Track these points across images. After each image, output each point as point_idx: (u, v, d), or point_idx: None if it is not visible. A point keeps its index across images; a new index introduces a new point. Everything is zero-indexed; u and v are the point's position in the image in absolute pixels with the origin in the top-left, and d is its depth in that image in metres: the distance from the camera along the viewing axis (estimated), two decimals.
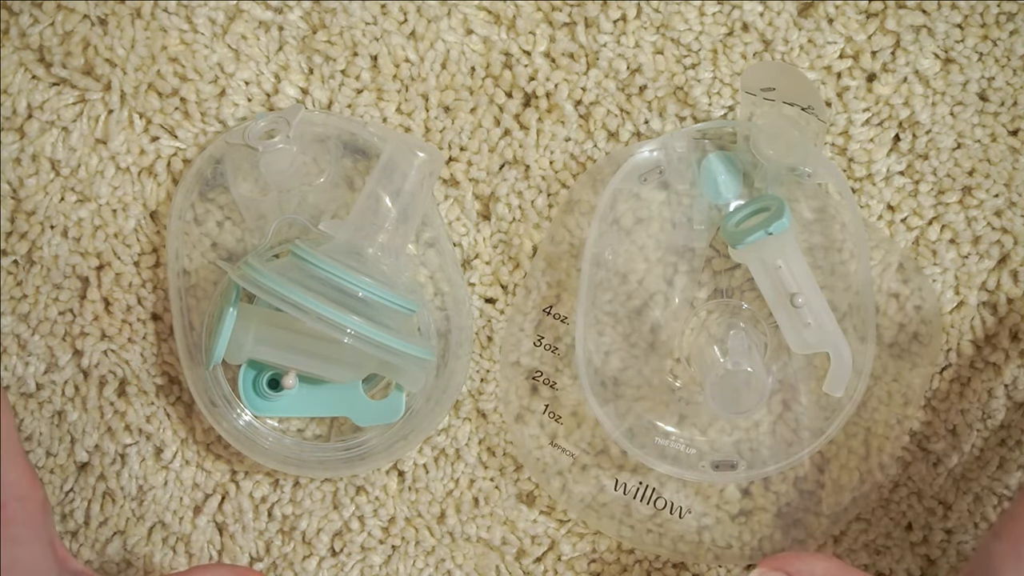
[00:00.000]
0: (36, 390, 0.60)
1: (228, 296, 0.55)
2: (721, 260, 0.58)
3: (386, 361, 0.54)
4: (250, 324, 0.55)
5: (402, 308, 0.54)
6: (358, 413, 0.58)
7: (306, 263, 0.53)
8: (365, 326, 0.52)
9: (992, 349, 0.60)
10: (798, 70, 0.58)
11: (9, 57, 0.58)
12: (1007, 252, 0.60)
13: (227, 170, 0.57)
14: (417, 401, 0.59)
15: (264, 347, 0.55)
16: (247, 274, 0.52)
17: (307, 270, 0.53)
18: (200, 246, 0.58)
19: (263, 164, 0.55)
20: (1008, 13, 0.58)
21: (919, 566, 0.62)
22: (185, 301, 0.58)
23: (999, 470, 0.61)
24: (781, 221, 0.53)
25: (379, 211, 0.54)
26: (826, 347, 0.54)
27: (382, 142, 0.57)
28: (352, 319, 0.52)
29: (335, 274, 0.53)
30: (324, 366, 0.56)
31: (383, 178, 0.55)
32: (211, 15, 0.58)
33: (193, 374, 0.57)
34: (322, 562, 0.62)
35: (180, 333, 0.58)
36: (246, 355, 0.55)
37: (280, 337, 0.55)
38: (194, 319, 0.58)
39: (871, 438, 0.59)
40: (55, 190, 0.59)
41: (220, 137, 0.58)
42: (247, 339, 0.55)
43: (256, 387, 0.58)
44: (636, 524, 0.60)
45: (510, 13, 0.59)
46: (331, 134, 0.58)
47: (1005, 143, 0.59)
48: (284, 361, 0.56)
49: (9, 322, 0.59)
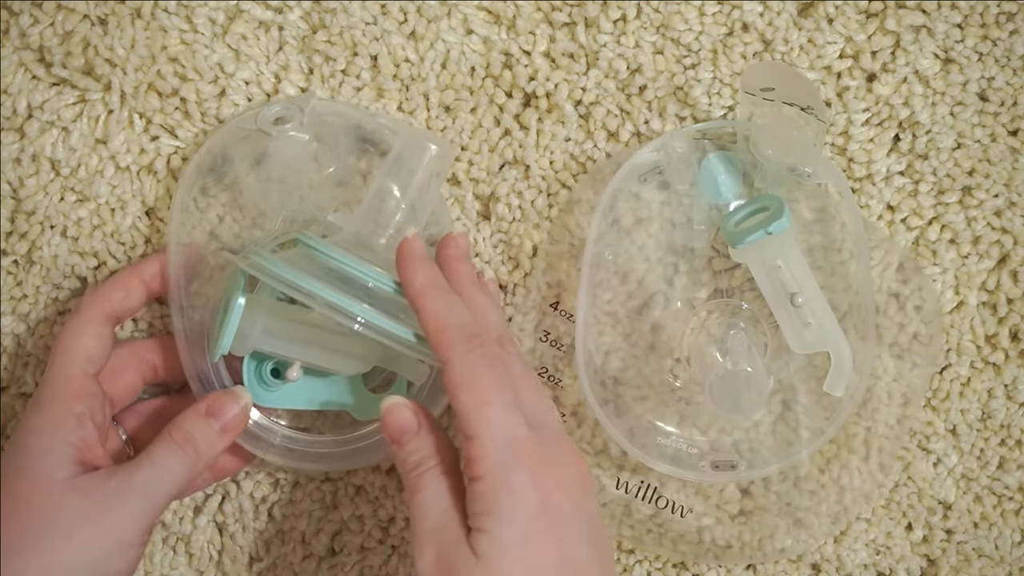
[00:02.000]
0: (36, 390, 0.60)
1: (234, 287, 0.55)
2: (721, 260, 0.58)
3: (391, 353, 0.54)
4: (257, 316, 0.54)
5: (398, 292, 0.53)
6: (359, 406, 0.58)
7: (315, 252, 0.53)
8: (375, 315, 0.52)
9: (992, 349, 0.60)
10: (797, 70, 0.58)
11: (9, 57, 0.58)
12: (1007, 252, 0.60)
13: (235, 157, 0.57)
14: (418, 396, 0.58)
15: (271, 338, 0.54)
16: (256, 262, 0.52)
17: (315, 259, 0.52)
18: (200, 228, 0.58)
19: (273, 151, 0.55)
20: (1008, 13, 0.58)
21: (920, 566, 0.62)
22: (184, 291, 0.56)
23: (999, 470, 0.61)
24: (780, 221, 0.53)
25: (388, 203, 0.54)
26: (826, 346, 0.54)
27: (393, 134, 0.56)
28: (362, 307, 0.51)
29: (344, 263, 0.52)
30: (330, 358, 0.55)
31: (393, 170, 0.54)
32: (211, 15, 0.58)
33: (193, 365, 0.56)
34: (321, 562, 0.62)
35: (179, 324, 0.56)
36: (252, 347, 0.54)
37: (287, 329, 0.55)
38: (194, 310, 0.57)
39: (871, 438, 0.59)
40: (55, 190, 0.59)
41: (230, 122, 0.58)
42: (254, 331, 0.54)
43: (259, 376, 0.57)
44: (636, 524, 0.60)
45: (510, 13, 0.59)
46: (342, 124, 0.57)
47: (1005, 143, 0.59)
48: (290, 352, 0.55)
49: (9, 322, 0.59)
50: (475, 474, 0.46)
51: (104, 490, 0.50)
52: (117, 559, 0.50)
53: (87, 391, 0.53)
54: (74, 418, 0.52)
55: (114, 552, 0.49)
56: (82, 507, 0.49)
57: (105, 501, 0.50)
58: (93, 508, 0.49)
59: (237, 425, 0.54)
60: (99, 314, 0.54)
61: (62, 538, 0.48)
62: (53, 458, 0.50)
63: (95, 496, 0.50)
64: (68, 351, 0.53)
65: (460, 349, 0.48)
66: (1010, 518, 0.61)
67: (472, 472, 0.46)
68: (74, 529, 0.49)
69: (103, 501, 0.50)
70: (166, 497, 0.51)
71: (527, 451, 0.46)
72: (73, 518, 0.49)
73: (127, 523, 0.50)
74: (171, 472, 0.51)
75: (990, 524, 0.61)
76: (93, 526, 0.49)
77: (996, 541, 0.61)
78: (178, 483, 0.52)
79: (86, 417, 0.52)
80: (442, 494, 0.48)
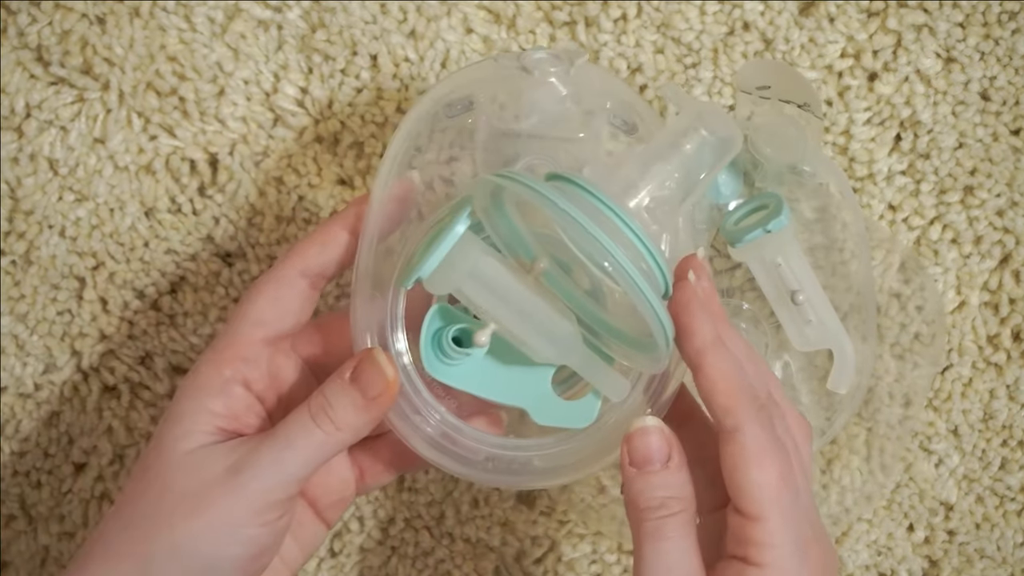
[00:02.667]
0: (34, 390, 0.60)
1: (456, 214, 0.46)
2: (722, 260, 0.58)
3: (591, 361, 0.47)
4: (471, 251, 0.45)
5: (661, 275, 0.44)
6: (541, 409, 0.48)
7: (575, 186, 0.43)
8: (627, 263, 0.41)
9: (994, 349, 0.60)
10: (791, 67, 0.58)
11: (7, 56, 0.58)
12: (1009, 252, 0.59)
13: (479, 98, 0.48)
14: (612, 415, 0.48)
15: (476, 283, 0.45)
16: (513, 177, 0.43)
17: (577, 198, 0.43)
18: (421, 167, 0.49)
19: (529, 97, 0.47)
20: (1010, 12, 0.58)
21: (921, 567, 0.62)
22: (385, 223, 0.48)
23: (1001, 470, 0.61)
24: (779, 219, 0.53)
25: (654, 170, 0.45)
26: (829, 343, 0.54)
27: (676, 106, 0.47)
28: (615, 248, 0.41)
29: (607, 205, 0.42)
30: (530, 330, 0.46)
31: (667, 145, 0.45)
32: (210, 14, 0.58)
33: (365, 316, 0.47)
34: (321, 563, 0.61)
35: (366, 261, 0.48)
36: (454, 285, 0.46)
37: (498, 278, 0.46)
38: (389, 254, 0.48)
39: (873, 438, 0.59)
40: (53, 189, 0.58)
41: (485, 60, 0.52)
42: (464, 264, 0.45)
43: (437, 343, 0.47)
44: None
45: (510, 12, 0.59)
46: (606, 93, 0.49)
47: (1007, 142, 0.59)
48: (490, 308, 0.46)
49: (7, 322, 0.59)
50: (757, 560, 0.41)
51: (218, 468, 0.44)
52: (227, 543, 0.44)
53: (244, 356, 0.47)
54: (220, 383, 0.46)
55: (221, 536, 0.43)
56: (186, 488, 0.44)
57: (216, 483, 0.44)
58: (198, 490, 0.44)
59: (385, 394, 0.45)
60: (286, 273, 0.48)
61: (165, 517, 0.43)
62: (182, 425, 0.45)
63: (204, 474, 0.44)
64: (238, 314, 0.48)
65: (753, 418, 0.42)
66: (1012, 519, 0.61)
67: (753, 556, 0.41)
68: (174, 509, 0.43)
69: (212, 482, 0.44)
70: (293, 479, 0.44)
71: (816, 554, 0.42)
72: (177, 499, 0.44)
73: (240, 507, 0.43)
74: (301, 449, 0.44)
75: (992, 525, 0.61)
76: (193, 510, 0.43)
77: (998, 542, 0.61)
78: (310, 462, 0.44)
79: (235, 383, 0.47)
80: (689, 551, 0.42)
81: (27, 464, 0.60)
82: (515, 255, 0.46)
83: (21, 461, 0.60)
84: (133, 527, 0.44)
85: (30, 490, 0.61)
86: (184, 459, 0.45)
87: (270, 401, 0.48)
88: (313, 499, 0.50)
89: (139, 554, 0.43)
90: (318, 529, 0.50)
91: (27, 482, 0.61)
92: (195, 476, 0.44)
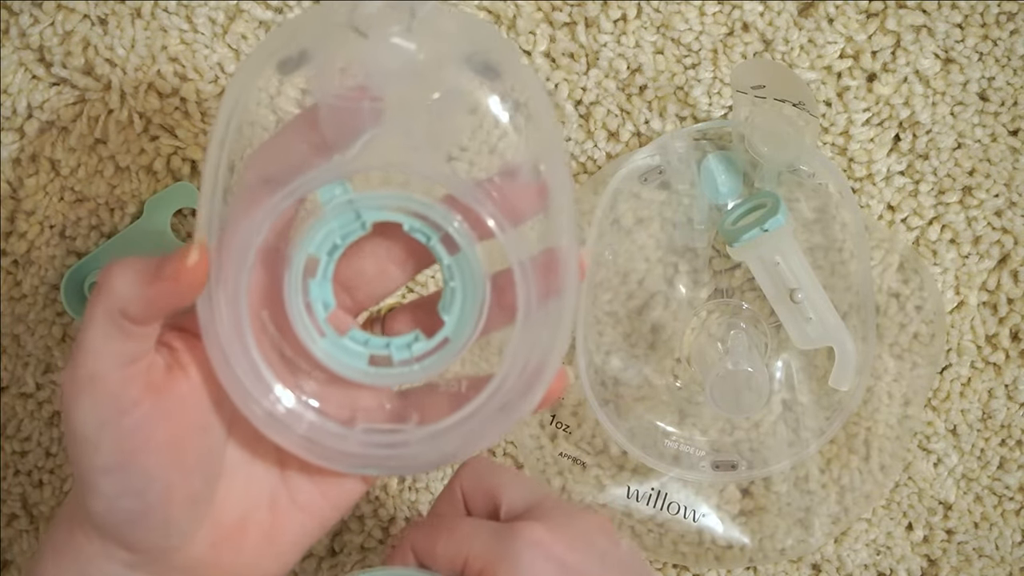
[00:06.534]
0: (35, 390, 0.60)
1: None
2: (721, 260, 0.58)
3: None
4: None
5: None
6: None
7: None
8: None
9: (992, 349, 0.60)
10: (785, 66, 0.58)
11: (9, 57, 0.58)
12: (1007, 252, 0.60)
13: (317, 57, 0.40)
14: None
15: None
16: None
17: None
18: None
19: (368, 59, 0.39)
20: (1008, 13, 0.58)
21: (920, 566, 0.62)
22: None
23: (1000, 470, 0.61)
24: (777, 217, 0.53)
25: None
26: (829, 341, 0.54)
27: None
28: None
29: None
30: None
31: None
32: (211, 15, 0.58)
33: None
34: (321, 562, 0.61)
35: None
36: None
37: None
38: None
39: (872, 438, 0.59)
40: (54, 190, 0.59)
41: (314, 7, 0.46)
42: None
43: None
44: (636, 524, 0.60)
45: (510, 13, 0.59)
46: (458, 37, 0.41)
47: (1005, 143, 0.59)
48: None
49: (8, 322, 0.59)
50: None
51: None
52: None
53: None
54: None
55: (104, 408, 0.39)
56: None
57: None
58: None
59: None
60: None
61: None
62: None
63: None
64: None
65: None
66: (1011, 518, 0.61)
67: None
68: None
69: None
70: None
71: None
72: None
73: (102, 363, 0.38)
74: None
75: (991, 524, 0.61)
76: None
77: (997, 541, 0.61)
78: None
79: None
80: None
81: (29, 463, 0.60)
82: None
83: (23, 460, 0.60)
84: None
85: (32, 489, 0.61)
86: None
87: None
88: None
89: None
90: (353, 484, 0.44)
91: (29, 481, 0.61)
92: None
